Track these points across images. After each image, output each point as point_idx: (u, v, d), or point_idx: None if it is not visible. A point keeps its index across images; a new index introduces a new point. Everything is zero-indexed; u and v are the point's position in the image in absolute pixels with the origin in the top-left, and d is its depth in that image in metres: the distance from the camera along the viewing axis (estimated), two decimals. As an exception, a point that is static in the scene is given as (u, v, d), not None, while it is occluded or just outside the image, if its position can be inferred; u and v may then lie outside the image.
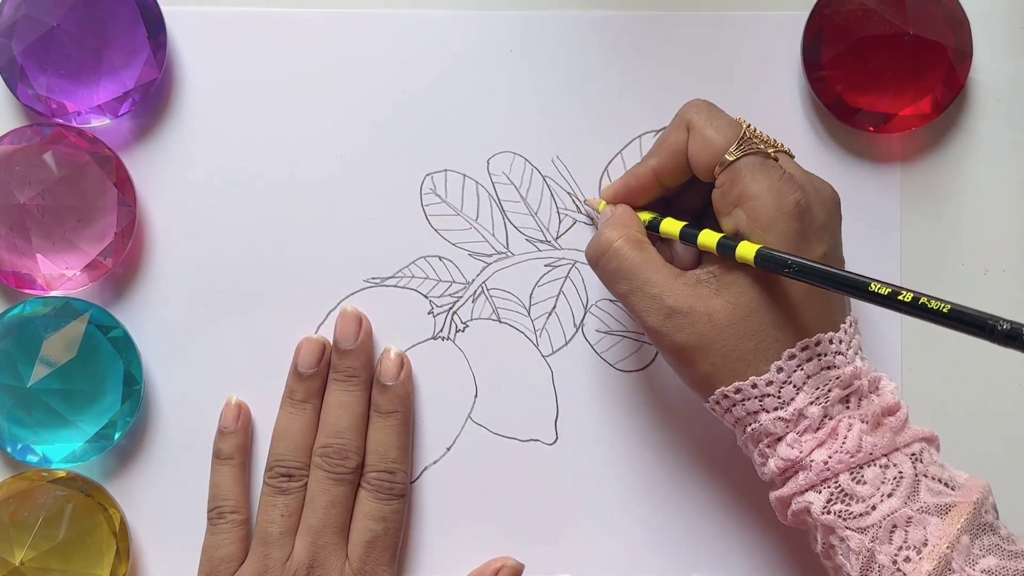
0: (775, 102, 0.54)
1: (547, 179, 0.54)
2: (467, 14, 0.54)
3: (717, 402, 0.46)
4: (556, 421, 0.54)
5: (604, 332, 0.55)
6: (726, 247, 0.46)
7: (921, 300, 0.40)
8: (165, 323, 0.54)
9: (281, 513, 0.51)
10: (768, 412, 0.45)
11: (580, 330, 0.55)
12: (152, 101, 0.54)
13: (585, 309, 0.55)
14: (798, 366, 0.45)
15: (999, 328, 0.38)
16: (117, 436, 0.52)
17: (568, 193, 0.54)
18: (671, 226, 0.49)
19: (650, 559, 0.54)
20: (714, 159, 0.47)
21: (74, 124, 0.52)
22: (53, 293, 0.52)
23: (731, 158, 0.46)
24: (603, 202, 0.52)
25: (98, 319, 0.52)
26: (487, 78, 0.54)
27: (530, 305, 0.54)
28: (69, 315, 0.51)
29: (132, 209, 0.52)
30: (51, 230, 0.51)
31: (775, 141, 0.48)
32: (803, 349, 0.45)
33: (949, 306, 0.40)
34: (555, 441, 0.54)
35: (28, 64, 0.51)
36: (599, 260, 0.48)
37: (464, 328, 0.54)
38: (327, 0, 0.54)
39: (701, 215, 0.50)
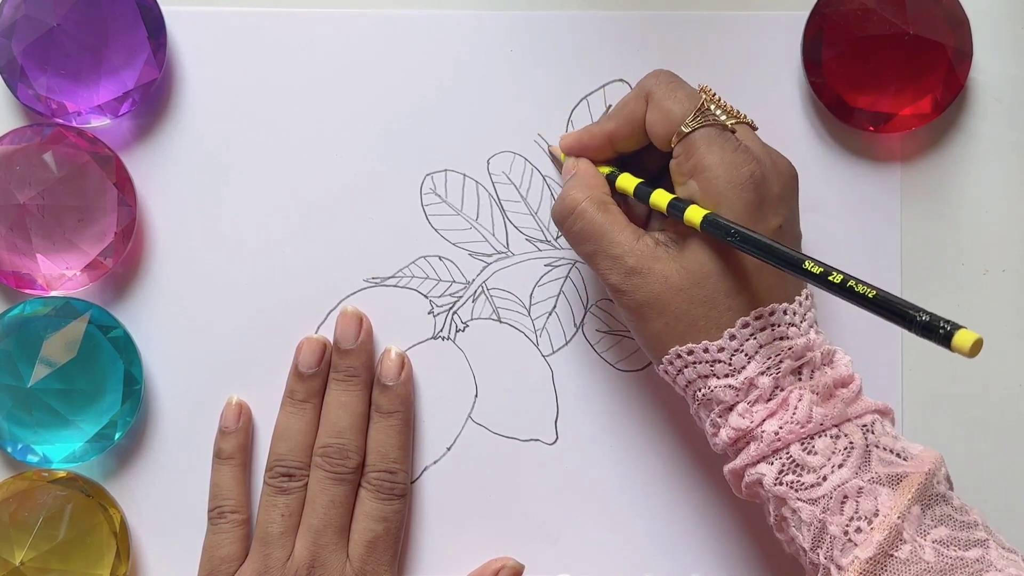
0: (775, 102, 0.54)
1: (547, 179, 0.54)
2: (467, 14, 0.54)
3: (671, 362, 0.46)
4: (556, 421, 0.54)
5: (604, 332, 0.55)
6: (676, 209, 0.47)
7: (849, 283, 0.41)
8: (165, 323, 0.54)
9: (282, 513, 0.51)
10: (718, 378, 0.45)
11: (580, 330, 0.55)
12: (152, 101, 0.54)
13: (585, 309, 0.55)
14: (751, 335, 0.45)
15: (918, 319, 0.39)
16: (117, 436, 0.52)
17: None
18: (627, 182, 0.50)
19: (650, 559, 0.54)
20: (671, 130, 0.47)
21: (74, 124, 0.52)
22: (53, 293, 0.52)
23: (687, 130, 0.47)
24: (563, 154, 0.53)
25: (98, 319, 0.52)
26: (487, 78, 0.54)
27: (530, 305, 0.54)
28: (69, 315, 0.51)
29: (132, 209, 0.52)
30: (51, 230, 0.51)
31: (736, 111, 0.48)
32: (757, 318, 0.45)
33: (874, 292, 0.40)
34: (555, 441, 0.54)
35: (28, 64, 0.51)
36: (564, 221, 0.49)
37: (464, 328, 0.54)
38: (327, 0, 0.54)
39: (661, 175, 0.50)
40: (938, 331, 0.38)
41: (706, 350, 0.45)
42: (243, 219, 0.54)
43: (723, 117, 0.47)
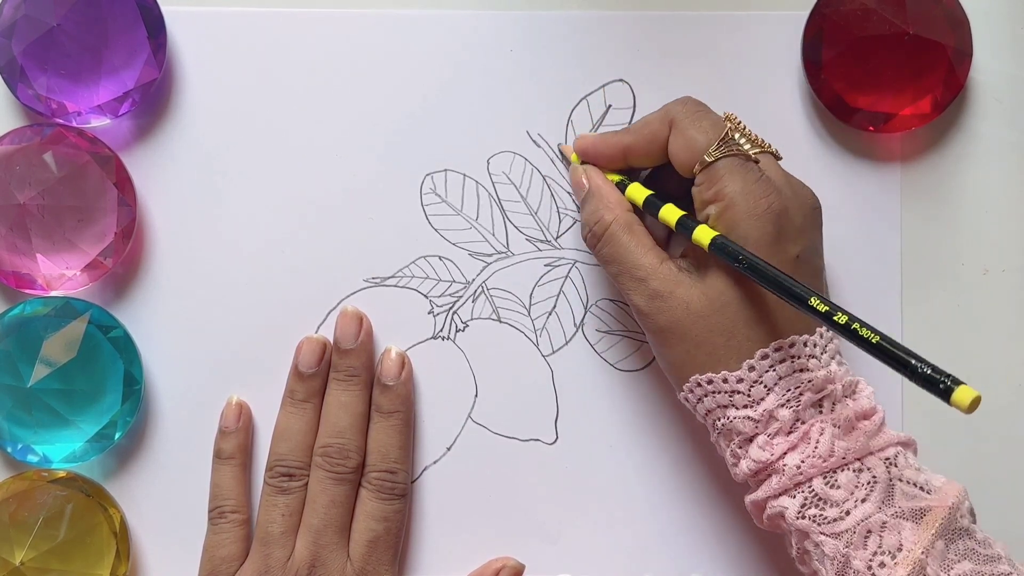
0: (775, 102, 0.54)
1: (547, 179, 0.54)
2: (467, 14, 0.54)
3: (691, 390, 0.46)
4: (556, 421, 0.54)
5: (604, 332, 0.55)
6: (685, 227, 0.47)
7: (853, 325, 0.41)
8: (165, 323, 0.54)
9: (282, 513, 0.51)
10: (737, 409, 0.45)
11: (580, 330, 0.55)
12: (152, 101, 0.54)
13: (585, 309, 0.55)
14: (770, 366, 0.45)
15: (920, 370, 0.39)
16: (117, 436, 0.52)
17: (568, 193, 0.54)
18: (637, 192, 0.50)
19: (650, 559, 0.54)
20: (694, 158, 0.47)
21: (74, 124, 0.52)
22: (53, 293, 0.52)
23: (710, 159, 0.47)
24: (575, 154, 0.53)
25: (98, 319, 0.52)
26: (487, 78, 0.54)
27: (530, 305, 0.54)
28: (69, 315, 0.51)
29: (132, 209, 0.52)
30: (51, 230, 0.51)
31: (761, 141, 0.48)
32: (776, 350, 0.45)
33: (877, 337, 0.40)
34: (555, 441, 0.54)
35: (28, 64, 0.51)
36: (595, 245, 0.50)
37: (464, 328, 0.54)
38: (327, 0, 0.54)
39: (676, 198, 0.50)
40: (938, 385, 0.38)
41: (725, 380, 0.45)
42: (243, 219, 0.54)
43: (747, 146, 0.47)
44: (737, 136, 0.47)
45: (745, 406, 0.45)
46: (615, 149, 0.51)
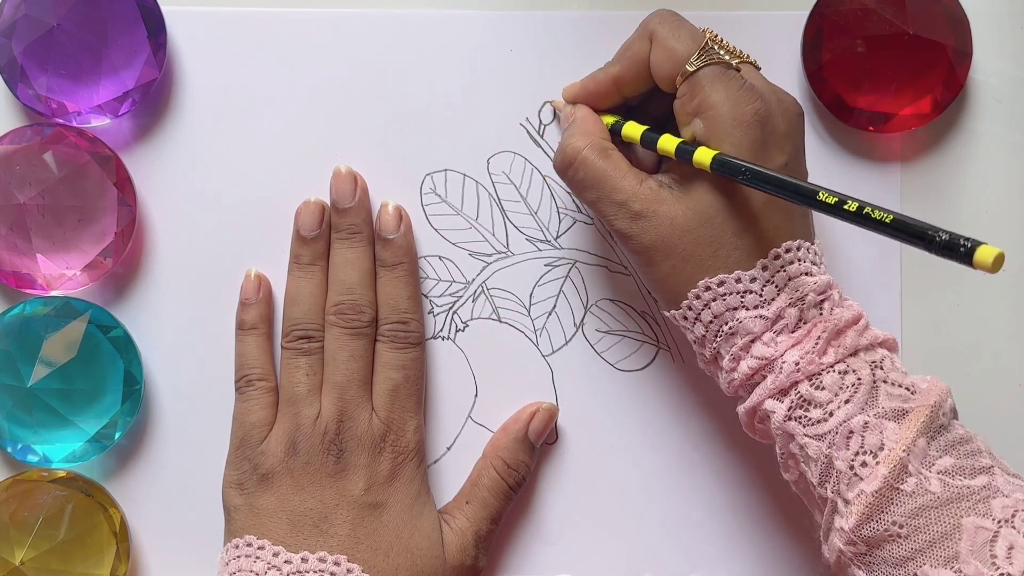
0: (775, 102, 0.54)
1: (547, 179, 0.54)
2: (467, 14, 0.54)
3: (697, 296, 0.46)
4: (556, 421, 0.54)
5: (604, 332, 0.55)
6: (684, 152, 0.46)
7: (865, 209, 0.41)
8: (165, 323, 0.54)
9: (305, 373, 0.51)
10: (748, 309, 0.45)
11: (580, 330, 0.55)
12: (152, 101, 0.54)
13: (585, 309, 0.55)
14: (781, 267, 0.46)
15: (938, 239, 0.38)
16: (117, 436, 0.52)
17: (568, 193, 0.54)
18: (632, 130, 0.49)
19: (650, 559, 0.54)
20: (675, 69, 0.47)
21: (74, 124, 0.52)
22: (53, 293, 0.52)
23: (691, 68, 0.46)
24: (564, 103, 0.53)
25: (98, 319, 0.52)
26: (487, 78, 0.54)
27: (530, 305, 0.54)
28: (69, 315, 0.51)
29: (132, 209, 0.52)
30: (51, 230, 0.51)
31: (740, 51, 0.48)
32: (787, 251, 0.46)
33: (892, 216, 0.40)
34: (555, 441, 0.54)
35: (28, 64, 0.51)
36: (567, 170, 0.49)
37: (464, 328, 0.54)
38: (327, 0, 0.54)
39: (665, 122, 0.50)
40: (959, 249, 0.38)
41: (738, 280, 0.46)
42: (243, 219, 0.54)
43: (727, 57, 0.47)
44: (716, 48, 0.47)
45: (756, 306, 0.45)
46: (605, 84, 0.50)
